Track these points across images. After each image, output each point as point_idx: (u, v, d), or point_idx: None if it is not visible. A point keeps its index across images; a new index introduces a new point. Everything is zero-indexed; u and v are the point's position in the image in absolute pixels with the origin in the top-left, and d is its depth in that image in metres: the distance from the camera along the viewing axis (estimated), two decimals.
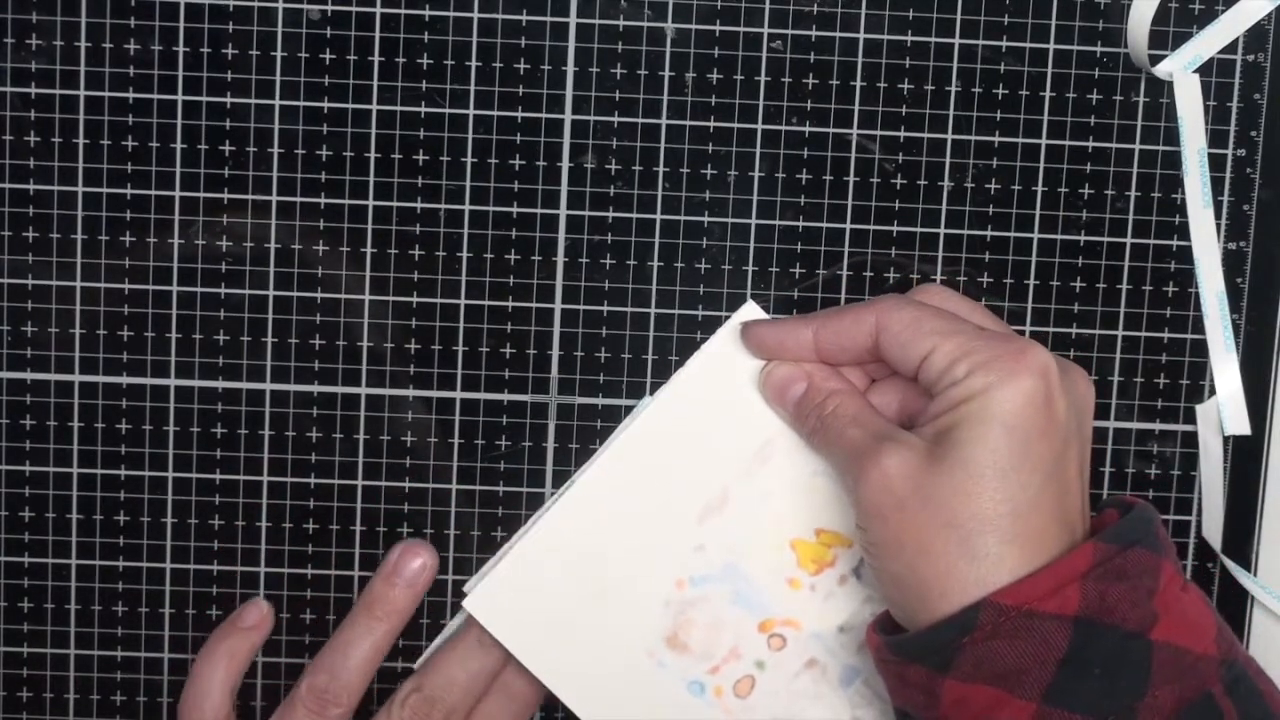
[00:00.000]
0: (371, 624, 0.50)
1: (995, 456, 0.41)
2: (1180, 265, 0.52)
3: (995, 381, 0.42)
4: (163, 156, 0.51)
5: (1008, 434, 0.41)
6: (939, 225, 0.51)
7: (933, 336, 0.43)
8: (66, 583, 0.52)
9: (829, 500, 0.49)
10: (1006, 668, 0.40)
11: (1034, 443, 0.41)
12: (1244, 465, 0.52)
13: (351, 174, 0.51)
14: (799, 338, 0.47)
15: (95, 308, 0.51)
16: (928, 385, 0.43)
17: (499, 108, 0.51)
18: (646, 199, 0.51)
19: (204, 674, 0.50)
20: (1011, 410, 0.41)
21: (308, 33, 0.50)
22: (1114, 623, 0.40)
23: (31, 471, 0.52)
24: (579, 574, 0.50)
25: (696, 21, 0.50)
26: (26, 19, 0.50)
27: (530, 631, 0.50)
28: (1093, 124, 0.51)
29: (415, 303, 0.51)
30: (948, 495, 0.41)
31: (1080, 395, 0.44)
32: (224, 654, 0.50)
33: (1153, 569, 0.41)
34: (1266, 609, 0.53)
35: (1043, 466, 0.41)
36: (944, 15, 0.51)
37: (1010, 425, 0.41)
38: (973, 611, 0.40)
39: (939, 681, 0.41)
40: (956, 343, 0.43)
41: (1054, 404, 0.42)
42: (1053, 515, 0.42)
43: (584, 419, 0.52)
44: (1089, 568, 0.40)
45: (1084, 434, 0.44)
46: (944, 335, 0.43)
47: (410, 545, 0.51)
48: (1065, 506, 0.42)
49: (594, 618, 0.50)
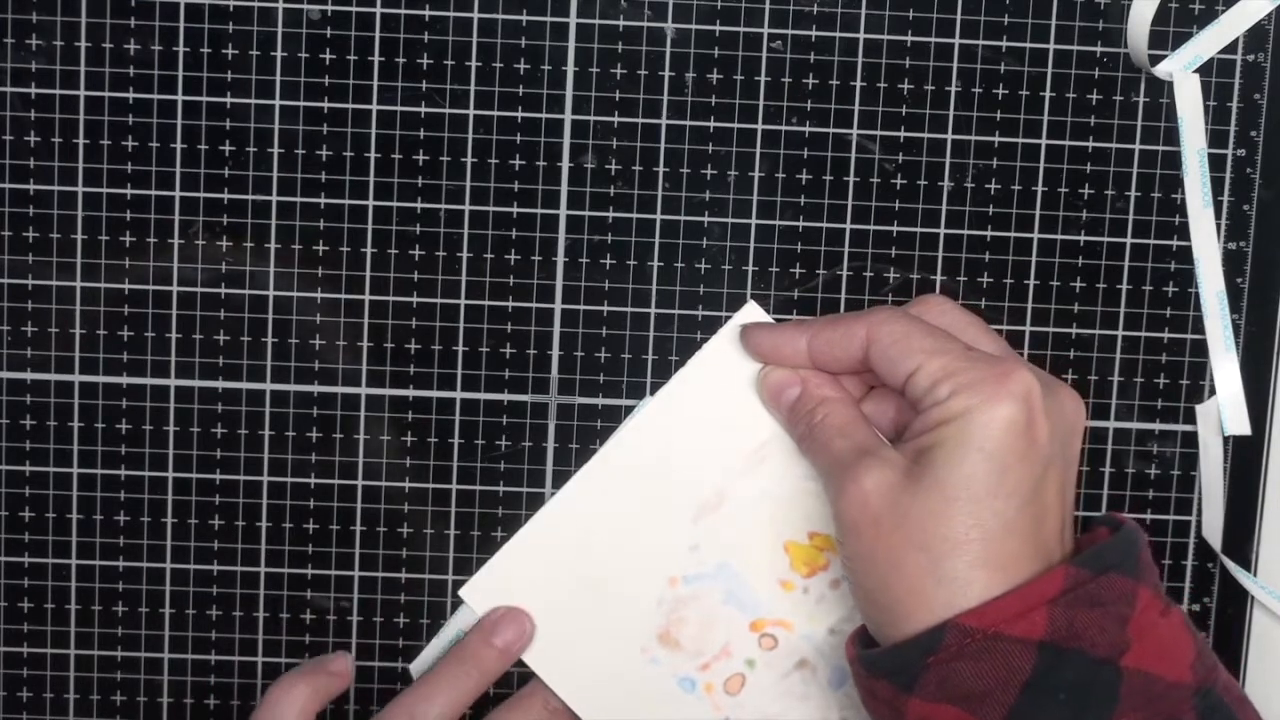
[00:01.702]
0: (461, 677, 0.49)
1: (970, 482, 0.41)
2: (1180, 265, 0.52)
3: (976, 405, 0.41)
4: (163, 156, 0.51)
5: (985, 460, 0.41)
6: (939, 225, 0.51)
7: (919, 354, 0.43)
8: (66, 583, 0.52)
9: (823, 504, 0.49)
10: (970, 689, 0.40)
11: (1011, 469, 0.41)
12: (1244, 465, 0.52)
13: (351, 174, 0.51)
14: (794, 345, 0.47)
15: (95, 308, 0.51)
16: (912, 402, 0.43)
17: (499, 108, 0.51)
18: (646, 199, 0.51)
19: (281, 699, 0.48)
20: (990, 436, 0.41)
21: (308, 33, 0.50)
22: (1082, 648, 0.40)
23: (31, 471, 0.52)
24: (574, 568, 0.50)
25: (696, 21, 0.50)
26: (26, 19, 0.50)
27: None
28: (1093, 124, 0.51)
29: (415, 303, 0.51)
30: (921, 516, 0.41)
31: (1067, 416, 0.43)
32: (306, 686, 0.49)
33: (1128, 595, 0.41)
34: (1266, 609, 0.53)
35: (1020, 492, 0.41)
36: (944, 15, 0.51)
37: (988, 451, 0.41)
38: (938, 632, 0.40)
39: (904, 700, 0.41)
40: (941, 363, 0.43)
41: (1035, 429, 0.42)
42: (1027, 539, 0.41)
43: (584, 419, 0.52)
44: (1059, 593, 0.40)
45: (1068, 455, 0.44)
46: (930, 354, 0.43)
47: (513, 612, 0.50)
48: (1042, 530, 0.42)
49: (588, 612, 0.50)
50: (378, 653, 0.52)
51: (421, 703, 0.49)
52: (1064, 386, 0.44)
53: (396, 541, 0.52)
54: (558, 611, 0.50)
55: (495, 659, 0.50)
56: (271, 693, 0.48)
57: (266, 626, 0.52)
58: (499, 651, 0.50)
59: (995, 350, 0.45)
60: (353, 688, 0.53)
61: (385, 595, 0.52)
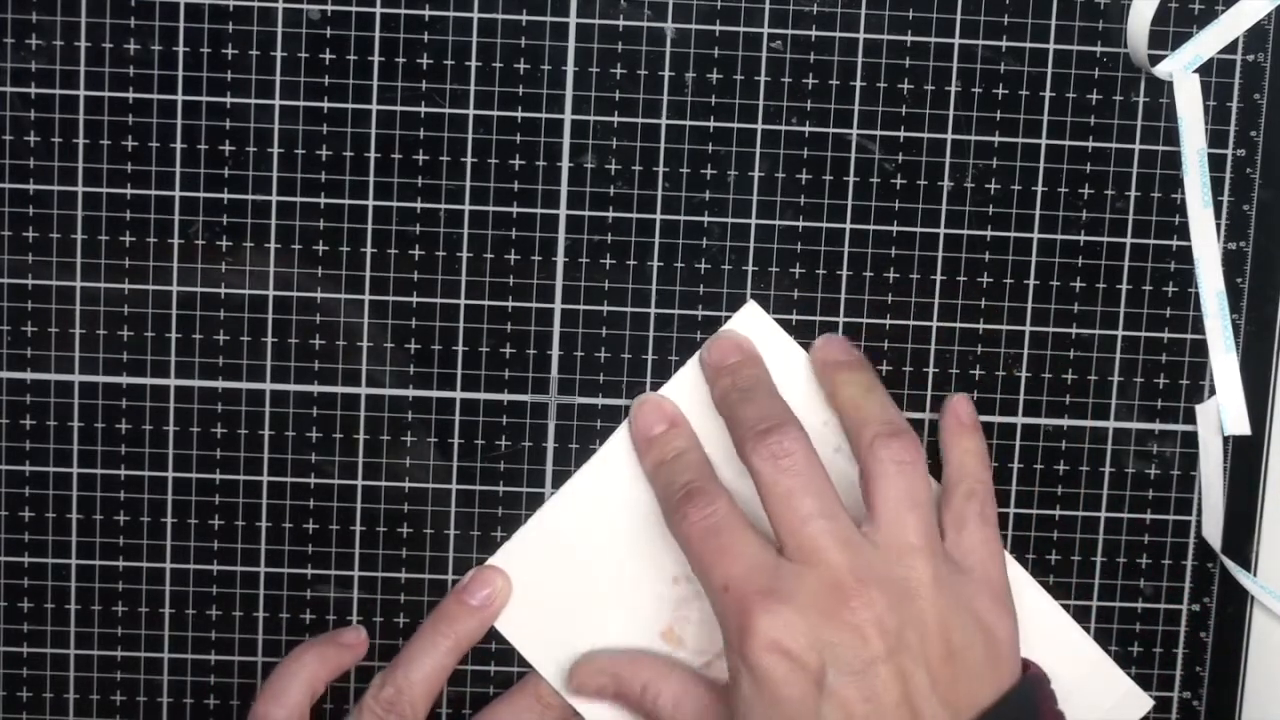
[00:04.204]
0: (437, 639, 0.50)
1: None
2: (1180, 265, 0.52)
3: (733, 669, 0.44)
4: (163, 156, 0.51)
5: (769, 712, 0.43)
6: (939, 225, 0.51)
7: (720, 581, 0.45)
8: (66, 583, 0.52)
9: None
10: None
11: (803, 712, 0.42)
12: (1244, 465, 0.52)
13: (351, 174, 0.51)
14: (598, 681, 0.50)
15: (95, 308, 0.51)
16: None
17: (499, 108, 0.51)
18: (646, 199, 0.51)
19: (288, 671, 0.50)
20: (754, 699, 0.43)
21: (308, 33, 0.50)
22: None
23: (31, 471, 0.52)
24: (576, 567, 0.50)
25: (696, 21, 0.50)
26: (26, 19, 0.50)
27: (526, 620, 0.51)
28: (1093, 124, 0.51)
29: (415, 303, 0.51)
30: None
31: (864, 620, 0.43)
32: (314, 657, 0.50)
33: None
34: (1266, 609, 0.53)
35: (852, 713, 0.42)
36: (944, 15, 0.51)
37: (767, 710, 0.43)
38: None
39: None
40: (714, 603, 0.45)
41: (798, 675, 0.43)
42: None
43: (584, 419, 0.52)
44: None
45: (907, 649, 0.43)
46: (716, 591, 0.45)
47: (485, 570, 0.51)
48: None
49: (590, 610, 0.50)
50: (378, 652, 0.52)
51: (401, 669, 0.50)
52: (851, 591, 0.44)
53: (396, 541, 0.52)
54: (560, 608, 0.50)
55: (469, 616, 0.50)
56: (277, 667, 0.49)
57: (266, 626, 0.52)
58: (472, 609, 0.50)
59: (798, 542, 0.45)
60: (352, 688, 0.53)
61: (385, 595, 0.52)
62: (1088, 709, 0.52)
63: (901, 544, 0.45)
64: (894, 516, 0.45)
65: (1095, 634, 0.53)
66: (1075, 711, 0.51)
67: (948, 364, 0.52)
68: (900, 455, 0.46)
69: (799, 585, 0.43)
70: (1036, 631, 0.51)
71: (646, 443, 0.50)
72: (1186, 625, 0.53)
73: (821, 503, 0.44)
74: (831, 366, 0.50)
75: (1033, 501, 0.52)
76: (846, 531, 0.44)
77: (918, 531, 0.45)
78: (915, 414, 0.52)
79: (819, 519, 0.44)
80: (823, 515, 0.44)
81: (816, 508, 0.44)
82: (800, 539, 0.44)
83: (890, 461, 0.46)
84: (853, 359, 0.50)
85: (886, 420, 0.47)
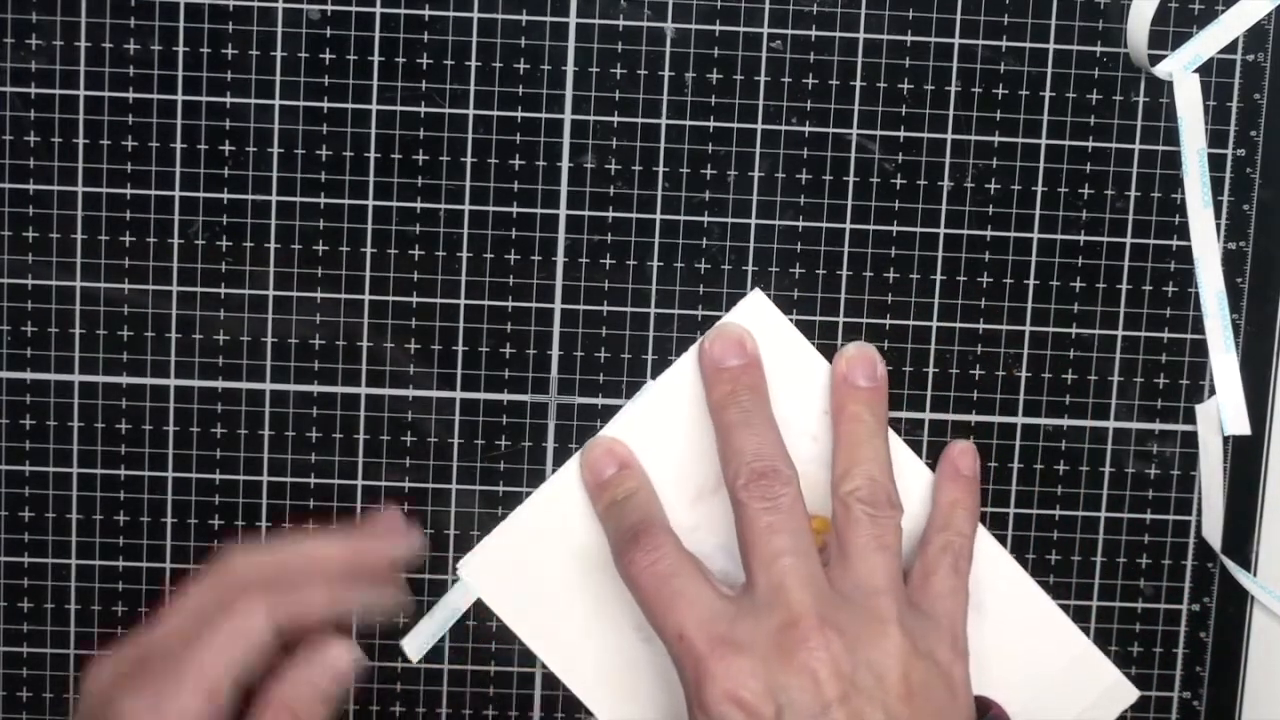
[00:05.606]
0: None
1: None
2: (1180, 265, 0.52)
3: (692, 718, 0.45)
4: (163, 156, 0.51)
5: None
6: (939, 225, 0.51)
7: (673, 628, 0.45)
8: (66, 583, 0.52)
9: (821, 488, 0.49)
10: None
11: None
12: (1244, 465, 0.52)
13: (351, 174, 0.51)
14: None
15: (95, 308, 0.51)
16: None
17: (499, 108, 0.51)
18: (646, 199, 0.51)
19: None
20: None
21: (308, 33, 0.50)
22: None
23: (31, 471, 0.52)
24: (572, 548, 0.51)
25: (696, 21, 0.50)
26: (26, 19, 0.50)
27: (521, 600, 0.51)
28: (1093, 124, 0.51)
29: (415, 303, 0.51)
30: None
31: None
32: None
33: None
34: (1266, 609, 0.53)
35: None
36: (944, 15, 0.51)
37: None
38: None
39: None
40: (669, 650, 0.46)
41: None
42: None
43: (584, 419, 0.52)
44: None
45: (862, 690, 0.44)
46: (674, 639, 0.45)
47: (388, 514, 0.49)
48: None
49: (584, 591, 0.51)
50: (378, 652, 0.52)
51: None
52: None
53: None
54: (555, 589, 0.51)
55: None
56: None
57: None
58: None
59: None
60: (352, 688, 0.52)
61: None
62: (1073, 698, 0.52)
63: (867, 585, 0.46)
64: (862, 558, 0.46)
65: (1095, 634, 0.53)
66: (1060, 702, 0.51)
67: (948, 364, 0.52)
68: (875, 511, 0.47)
69: (755, 628, 0.44)
70: (1021, 622, 0.51)
71: (598, 488, 0.50)
72: (1186, 625, 0.53)
73: (796, 542, 0.45)
74: (850, 386, 0.50)
75: (1033, 501, 0.52)
76: (814, 570, 0.45)
77: (884, 574, 0.46)
78: (915, 414, 0.52)
79: (789, 556, 0.45)
80: (793, 553, 0.45)
81: (790, 545, 0.45)
82: (770, 574, 0.45)
83: (864, 512, 0.47)
84: (873, 387, 0.50)
85: (871, 479, 0.48)
